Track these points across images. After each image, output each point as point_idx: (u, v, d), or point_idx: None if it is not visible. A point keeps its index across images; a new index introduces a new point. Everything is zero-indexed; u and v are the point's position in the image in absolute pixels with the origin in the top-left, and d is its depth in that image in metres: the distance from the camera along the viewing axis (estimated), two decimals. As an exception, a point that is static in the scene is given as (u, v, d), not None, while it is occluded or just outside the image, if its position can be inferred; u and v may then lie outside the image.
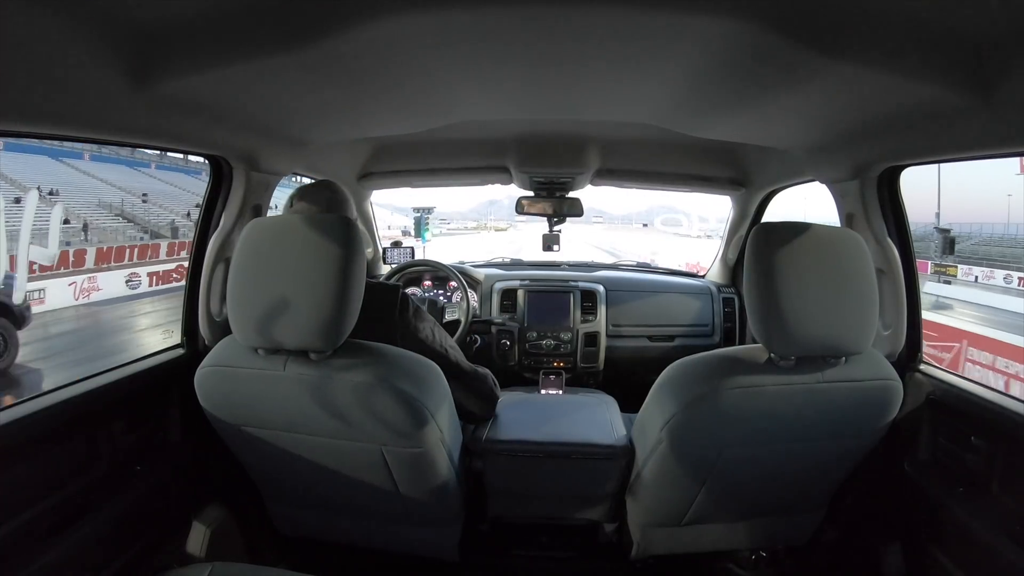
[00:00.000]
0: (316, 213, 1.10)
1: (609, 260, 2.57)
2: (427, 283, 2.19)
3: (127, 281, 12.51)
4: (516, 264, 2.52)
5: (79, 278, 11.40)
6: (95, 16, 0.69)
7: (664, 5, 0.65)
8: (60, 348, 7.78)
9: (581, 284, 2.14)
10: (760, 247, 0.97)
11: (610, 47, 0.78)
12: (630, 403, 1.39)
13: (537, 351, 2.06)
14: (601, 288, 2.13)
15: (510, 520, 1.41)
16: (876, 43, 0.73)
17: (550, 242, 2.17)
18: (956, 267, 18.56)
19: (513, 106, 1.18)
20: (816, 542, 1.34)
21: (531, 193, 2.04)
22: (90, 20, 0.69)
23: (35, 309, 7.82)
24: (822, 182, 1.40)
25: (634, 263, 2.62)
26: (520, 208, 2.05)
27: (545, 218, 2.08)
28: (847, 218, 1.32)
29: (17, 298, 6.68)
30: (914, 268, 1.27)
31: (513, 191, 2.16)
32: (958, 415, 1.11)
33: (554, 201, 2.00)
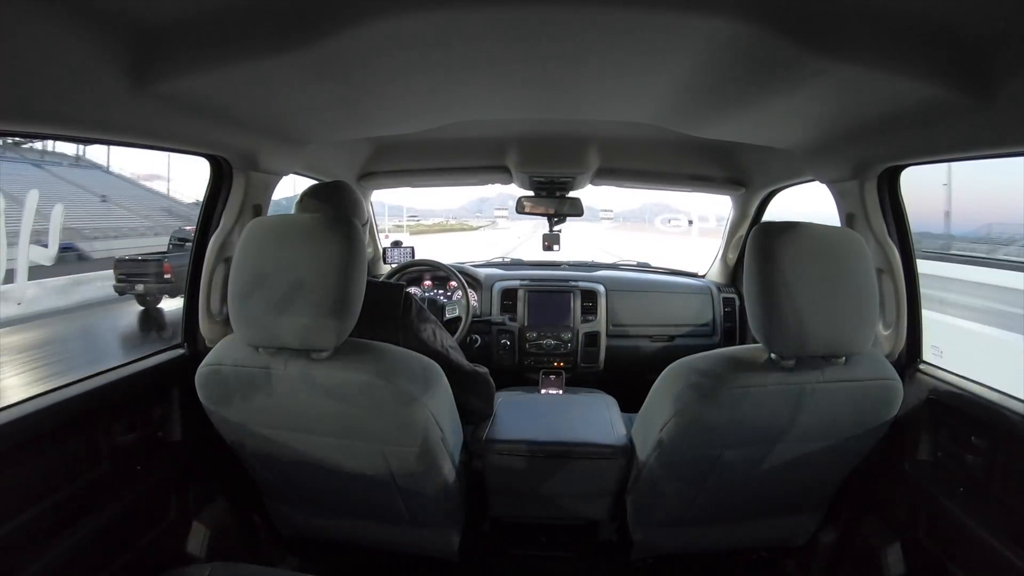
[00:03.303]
0: (326, 213, 1.10)
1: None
2: (427, 283, 2.19)
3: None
4: (516, 264, 2.52)
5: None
6: (95, 16, 0.68)
7: (664, 5, 0.65)
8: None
9: (581, 284, 2.14)
10: (760, 247, 0.97)
11: (610, 47, 0.78)
12: (630, 403, 1.39)
13: (537, 351, 2.05)
14: (601, 288, 2.13)
15: (510, 520, 1.41)
16: (876, 43, 0.73)
17: (550, 242, 2.17)
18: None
19: (513, 106, 1.18)
20: (816, 542, 1.33)
21: (531, 193, 2.04)
22: (90, 20, 0.69)
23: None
24: (822, 182, 1.40)
25: (634, 263, 2.62)
26: (520, 208, 2.05)
27: (545, 217, 2.08)
28: (847, 218, 1.32)
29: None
30: (914, 268, 1.27)
31: (503, 188, 2.16)
32: (958, 415, 1.11)
33: (554, 201, 2.01)
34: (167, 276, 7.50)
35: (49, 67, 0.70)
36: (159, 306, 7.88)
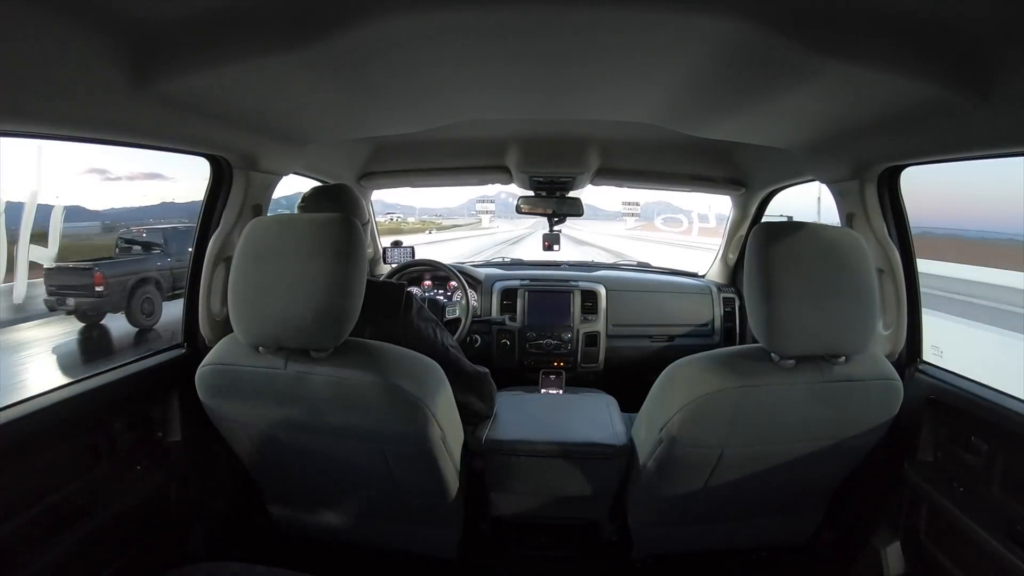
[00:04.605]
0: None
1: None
2: (427, 283, 2.19)
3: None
4: (516, 264, 2.52)
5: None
6: (95, 16, 0.68)
7: (664, 5, 0.65)
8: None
9: (581, 284, 2.14)
10: (760, 247, 0.97)
11: (610, 47, 0.78)
12: (630, 403, 1.39)
13: (537, 351, 2.06)
14: (601, 288, 2.13)
15: (510, 520, 1.41)
16: (876, 43, 0.73)
17: (550, 241, 2.17)
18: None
19: (513, 106, 1.18)
20: (816, 542, 1.34)
21: (531, 193, 2.04)
22: (90, 20, 0.69)
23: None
24: (822, 182, 1.40)
25: (634, 263, 2.63)
26: (520, 208, 2.05)
27: (545, 218, 2.09)
28: (847, 218, 1.32)
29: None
30: (914, 268, 1.27)
31: (495, 188, 2.17)
32: (958, 415, 1.11)
33: (554, 201, 2.01)
34: (98, 289, 6.35)
35: (49, 67, 0.70)
36: (102, 323, 6.64)
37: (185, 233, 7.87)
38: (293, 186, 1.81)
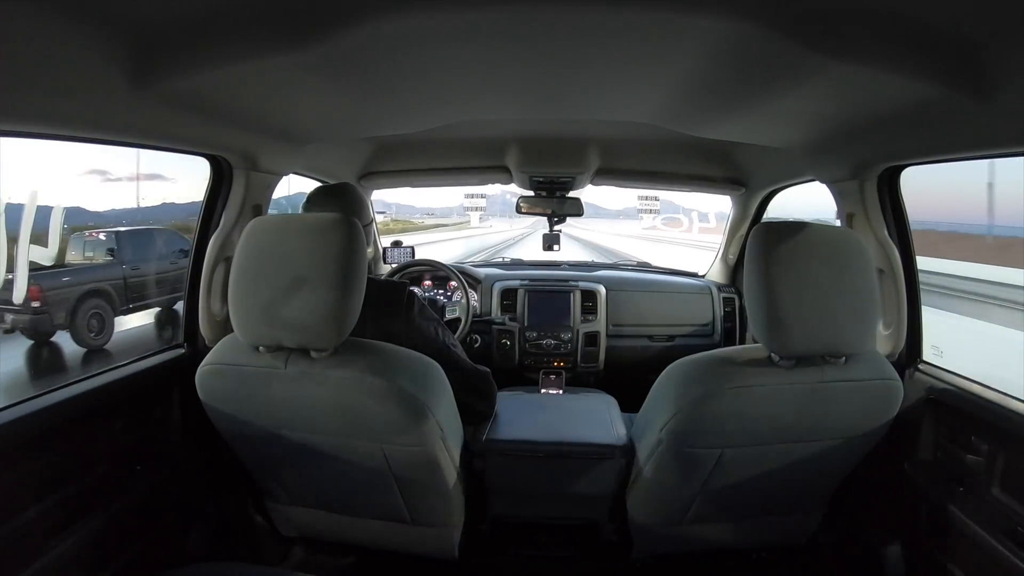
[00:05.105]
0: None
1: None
2: (427, 283, 2.19)
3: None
4: (516, 264, 2.53)
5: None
6: (95, 16, 0.68)
7: (664, 5, 0.65)
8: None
9: (581, 284, 2.14)
10: (760, 247, 0.97)
11: (610, 47, 0.78)
12: (630, 403, 1.39)
13: (537, 351, 2.06)
14: (601, 288, 2.13)
15: (510, 520, 1.41)
16: (876, 43, 0.73)
17: (550, 242, 2.18)
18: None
19: (514, 106, 1.18)
20: (816, 542, 1.34)
21: (531, 193, 2.04)
22: (90, 20, 0.69)
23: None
24: (822, 182, 1.40)
25: (634, 263, 2.63)
26: (520, 208, 2.05)
27: (545, 218, 2.09)
28: (847, 218, 1.32)
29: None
30: (914, 268, 1.27)
31: (496, 187, 2.18)
32: (958, 415, 1.11)
33: (554, 201, 2.01)
34: (35, 304, 5.65)
35: (49, 67, 0.70)
36: (52, 340, 5.83)
37: (145, 235, 7.01)
38: (294, 186, 1.81)
